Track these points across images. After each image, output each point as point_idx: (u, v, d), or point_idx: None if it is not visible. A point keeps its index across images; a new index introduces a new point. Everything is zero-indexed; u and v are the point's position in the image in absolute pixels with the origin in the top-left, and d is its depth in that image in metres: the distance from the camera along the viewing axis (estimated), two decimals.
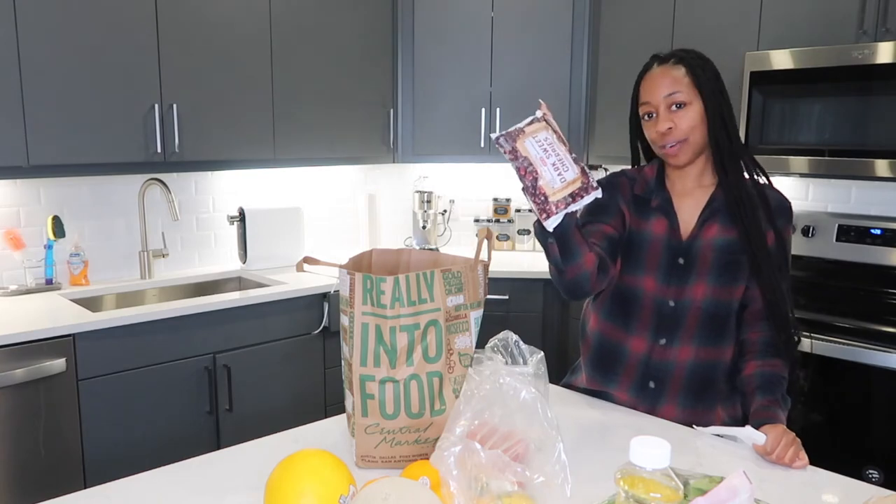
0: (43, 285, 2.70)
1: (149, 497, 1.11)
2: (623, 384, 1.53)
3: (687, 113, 1.42)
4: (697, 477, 0.99)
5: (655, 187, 1.52)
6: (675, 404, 1.50)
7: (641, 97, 1.47)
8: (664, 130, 1.43)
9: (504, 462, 0.96)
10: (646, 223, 1.51)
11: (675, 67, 1.43)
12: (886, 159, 2.37)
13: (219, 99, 2.82)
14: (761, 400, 1.38)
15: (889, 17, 2.39)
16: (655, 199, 1.51)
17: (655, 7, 3.04)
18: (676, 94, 1.41)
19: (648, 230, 1.51)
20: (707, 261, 1.45)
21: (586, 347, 1.63)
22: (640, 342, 1.51)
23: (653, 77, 1.45)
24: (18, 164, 2.39)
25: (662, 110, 1.43)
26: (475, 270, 1.25)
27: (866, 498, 1.08)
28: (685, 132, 1.42)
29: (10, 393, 2.16)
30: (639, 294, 1.50)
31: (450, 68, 3.38)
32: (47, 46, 2.40)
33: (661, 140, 1.44)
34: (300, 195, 3.49)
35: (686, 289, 1.46)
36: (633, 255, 1.51)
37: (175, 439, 2.53)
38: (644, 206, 1.53)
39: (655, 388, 1.51)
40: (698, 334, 1.47)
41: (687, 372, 1.48)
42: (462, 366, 1.22)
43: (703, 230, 1.47)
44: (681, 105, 1.42)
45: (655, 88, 1.44)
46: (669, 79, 1.43)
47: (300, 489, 0.92)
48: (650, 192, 1.53)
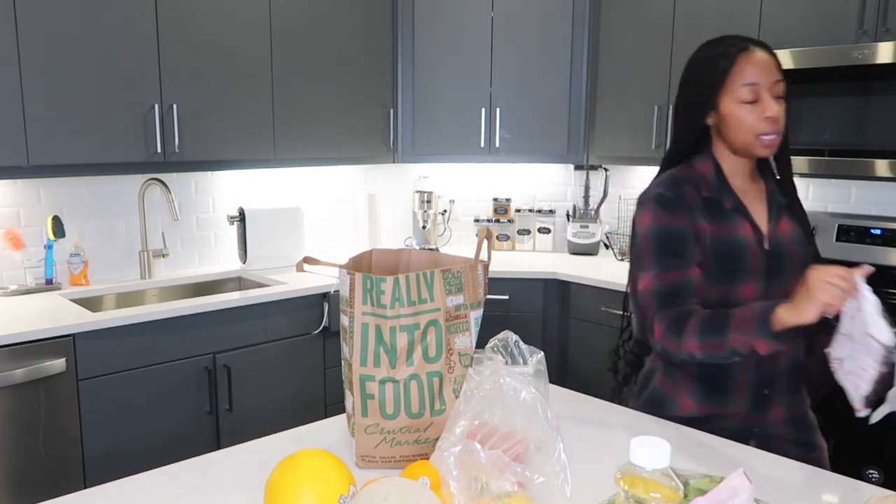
0: (43, 285, 2.70)
1: (149, 497, 1.11)
2: (740, 401, 1.43)
3: (783, 106, 1.37)
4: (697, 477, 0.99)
5: (721, 187, 1.43)
6: (782, 404, 1.44)
7: (746, 77, 1.35)
8: (775, 115, 1.35)
9: (504, 462, 0.96)
10: (731, 228, 1.41)
11: (772, 57, 1.37)
12: (886, 159, 2.37)
13: (219, 99, 2.82)
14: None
15: (889, 17, 2.39)
16: (728, 201, 1.42)
17: (655, 7, 3.04)
18: (780, 83, 1.35)
19: (739, 235, 1.40)
20: (794, 256, 1.43)
21: (687, 375, 1.46)
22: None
23: (760, 59, 1.35)
24: (18, 164, 2.39)
25: (768, 96, 1.35)
26: (475, 270, 1.25)
27: (866, 498, 1.08)
28: (783, 126, 1.38)
29: (10, 393, 2.16)
30: (739, 304, 1.37)
31: (450, 68, 3.38)
32: (47, 46, 2.40)
33: (766, 127, 1.35)
34: (300, 195, 3.49)
35: (784, 287, 1.38)
36: (727, 265, 1.39)
37: (175, 439, 2.53)
38: (717, 209, 1.42)
39: (768, 395, 1.43)
40: (794, 328, 1.43)
41: (788, 367, 1.44)
42: (462, 366, 1.22)
43: (779, 226, 1.44)
44: (780, 97, 1.37)
45: (765, 71, 1.35)
46: (775, 66, 1.36)
47: (300, 489, 0.92)
48: (718, 193, 1.43)
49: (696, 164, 1.46)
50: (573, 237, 3.61)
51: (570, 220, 3.63)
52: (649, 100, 3.08)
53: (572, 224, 3.61)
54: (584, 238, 3.59)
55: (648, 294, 1.40)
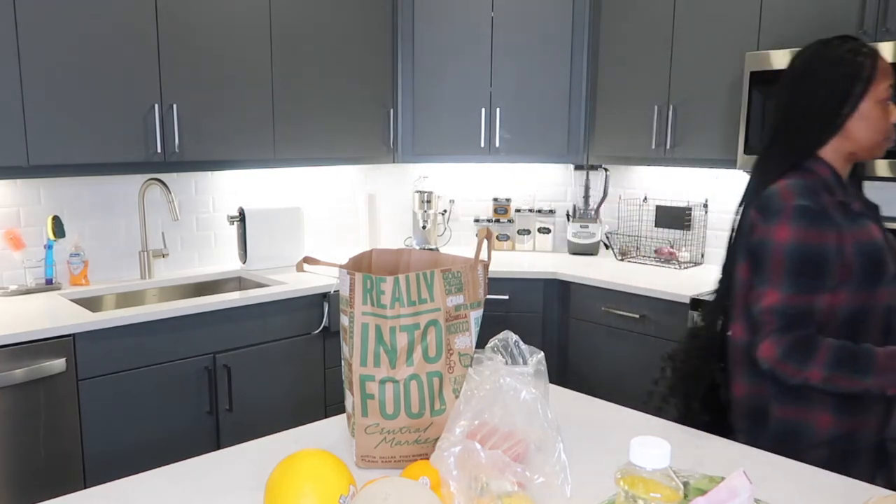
0: (43, 285, 2.70)
1: (149, 497, 1.11)
2: (875, 410, 1.37)
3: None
4: (697, 477, 0.99)
5: (845, 190, 1.41)
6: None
7: (888, 77, 1.35)
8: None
9: (504, 462, 0.96)
10: (866, 232, 1.37)
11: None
12: (886, 159, 2.36)
13: (219, 99, 2.82)
14: None
15: (889, 17, 2.39)
16: (856, 203, 1.40)
17: (655, 7, 3.04)
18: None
19: (875, 238, 1.37)
20: None
21: (815, 390, 1.36)
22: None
23: (888, 62, 1.37)
24: (18, 164, 2.39)
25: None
26: (475, 270, 1.25)
27: (866, 498, 1.08)
28: None
29: (10, 393, 2.16)
30: (875, 308, 1.35)
31: (450, 68, 3.38)
32: (47, 46, 2.40)
33: (893, 131, 1.37)
34: (300, 195, 3.49)
35: None
36: (871, 270, 1.34)
37: (175, 439, 2.53)
38: (848, 213, 1.37)
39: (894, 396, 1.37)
40: None
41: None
42: (462, 366, 1.22)
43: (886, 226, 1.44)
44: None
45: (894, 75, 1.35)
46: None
47: (300, 489, 0.92)
48: (846, 197, 1.40)
49: (815, 168, 1.40)
50: (573, 237, 3.61)
51: (570, 220, 3.63)
52: (649, 100, 3.08)
53: (572, 224, 3.61)
54: (584, 238, 3.60)
55: (771, 312, 1.33)
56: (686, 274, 3.10)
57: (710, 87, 2.89)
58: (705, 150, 2.94)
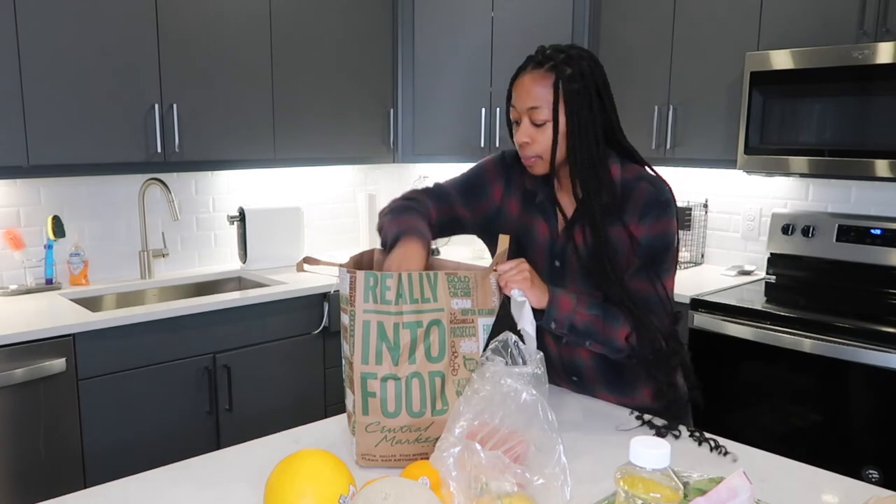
0: (43, 285, 2.70)
1: (149, 497, 1.11)
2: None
3: (545, 131, 1.38)
4: (697, 477, 0.99)
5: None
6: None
7: (512, 99, 1.42)
8: (521, 142, 1.40)
9: (504, 463, 0.97)
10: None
11: (545, 76, 1.36)
12: (886, 159, 2.37)
13: (219, 99, 2.82)
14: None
15: (889, 17, 2.39)
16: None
17: (655, 7, 3.04)
18: (537, 109, 1.36)
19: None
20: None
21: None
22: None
23: (522, 83, 1.39)
24: (18, 164, 2.39)
25: (525, 121, 1.39)
26: (487, 279, 1.25)
27: (866, 498, 1.08)
28: (542, 150, 1.39)
29: (10, 393, 2.16)
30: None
31: (450, 68, 3.38)
32: (47, 46, 2.40)
33: (520, 150, 1.42)
34: (300, 195, 3.49)
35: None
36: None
37: (175, 439, 2.53)
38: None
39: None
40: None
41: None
42: (467, 369, 1.22)
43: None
44: (541, 123, 1.37)
45: (520, 97, 1.39)
46: (537, 89, 1.36)
47: (300, 489, 0.92)
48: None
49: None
50: None
51: None
52: (649, 100, 3.07)
53: None
54: None
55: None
56: (686, 274, 3.10)
57: (710, 87, 2.89)
58: (705, 151, 2.94)
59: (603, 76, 1.41)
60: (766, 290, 2.81)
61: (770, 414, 2.44)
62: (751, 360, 2.47)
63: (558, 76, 1.35)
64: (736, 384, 2.51)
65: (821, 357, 2.31)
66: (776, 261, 2.97)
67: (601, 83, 1.39)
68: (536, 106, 1.36)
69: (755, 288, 2.83)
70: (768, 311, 2.45)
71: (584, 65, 1.37)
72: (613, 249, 1.40)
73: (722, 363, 2.54)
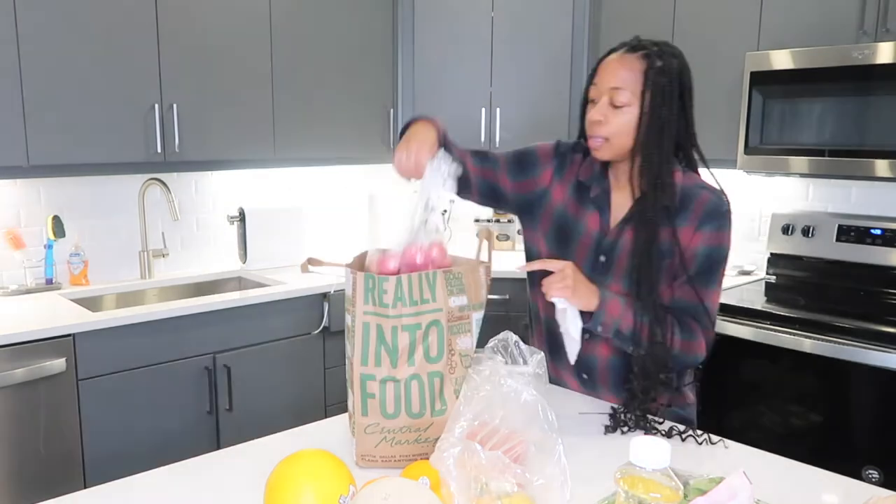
0: (43, 285, 2.70)
1: (149, 497, 1.11)
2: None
3: (621, 115, 1.38)
4: (697, 477, 0.99)
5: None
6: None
7: (595, 77, 1.42)
8: (594, 120, 1.40)
9: (504, 463, 0.96)
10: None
11: (637, 61, 1.36)
12: (886, 159, 2.37)
13: (219, 99, 2.82)
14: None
15: (889, 17, 2.39)
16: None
17: (655, 7, 3.04)
18: (619, 91, 1.36)
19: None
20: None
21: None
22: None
23: (611, 63, 1.39)
24: (18, 164, 2.39)
25: (604, 100, 1.39)
26: (476, 272, 1.25)
27: (866, 498, 1.08)
28: (612, 132, 1.39)
29: (10, 393, 2.16)
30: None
31: (450, 68, 3.38)
32: (47, 46, 2.40)
33: (589, 129, 1.42)
34: (300, 195, 3.49)
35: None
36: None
37: (175, 439, 2.53)
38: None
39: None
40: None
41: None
42: (464, 367, 1.22)
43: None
44: (620, 105, 1.37)
45: (605, 75, 1.39)
46: (624, 72, 1.36)
47: (300, 489, 0.92)
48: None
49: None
50: None
51: None
52: None
53: None
54: None
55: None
56: None
57: (710, 87, 2.88)
58: (705, 150, 2.92)
59: (689, 81, 1.41)
60: (766, 289, 2.81)
61: (770, 414, 2.43)
62: (751, 359, 2.46)
63: (650, 65, 1.35)
64: (736, 384, 2.51)
65: (821, 357, 2.31)
66: (776, 261, 2.97)
67: (687, 87, 1.40)
68: (620, 87, 1.36)
69: (755, 288, 2.83)
70: (768, 311, 2.45)
71: (675, 64, 1.38)
72: (660, 253, 1.39)
73: (722, 363, 2.53)
